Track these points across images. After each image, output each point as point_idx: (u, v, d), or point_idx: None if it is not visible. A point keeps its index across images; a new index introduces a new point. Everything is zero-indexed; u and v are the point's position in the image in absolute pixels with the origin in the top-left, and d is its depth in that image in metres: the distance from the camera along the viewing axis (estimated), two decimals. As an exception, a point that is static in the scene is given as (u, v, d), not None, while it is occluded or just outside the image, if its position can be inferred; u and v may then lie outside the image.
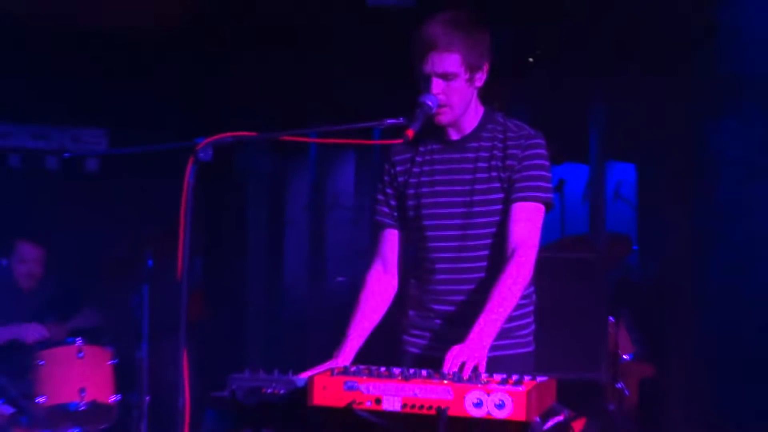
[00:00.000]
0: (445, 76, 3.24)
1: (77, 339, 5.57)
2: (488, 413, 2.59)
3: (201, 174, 2.99)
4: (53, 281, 6.23)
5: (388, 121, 3.23)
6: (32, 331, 5.85)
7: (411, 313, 3.49)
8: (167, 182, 3.81)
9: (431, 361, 3.30)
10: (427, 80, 3.26)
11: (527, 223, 3.26)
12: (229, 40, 7.26)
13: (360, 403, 2.71)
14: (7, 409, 5.11)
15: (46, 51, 7.32)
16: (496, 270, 3.27)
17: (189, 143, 3.04)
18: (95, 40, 7.18)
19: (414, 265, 3.47)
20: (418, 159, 3.41)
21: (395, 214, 3.48)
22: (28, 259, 6.14)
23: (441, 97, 3.25)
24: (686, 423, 5.82)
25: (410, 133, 3.19)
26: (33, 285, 6.17)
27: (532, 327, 3.44)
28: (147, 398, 5.54)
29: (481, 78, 3.33)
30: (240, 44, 7.24)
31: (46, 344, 5.63)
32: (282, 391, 2.88)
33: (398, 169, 3.45)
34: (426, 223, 3.38)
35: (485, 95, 3.42)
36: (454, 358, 2.94)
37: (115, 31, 7.15)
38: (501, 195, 3.30)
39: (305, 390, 2.79)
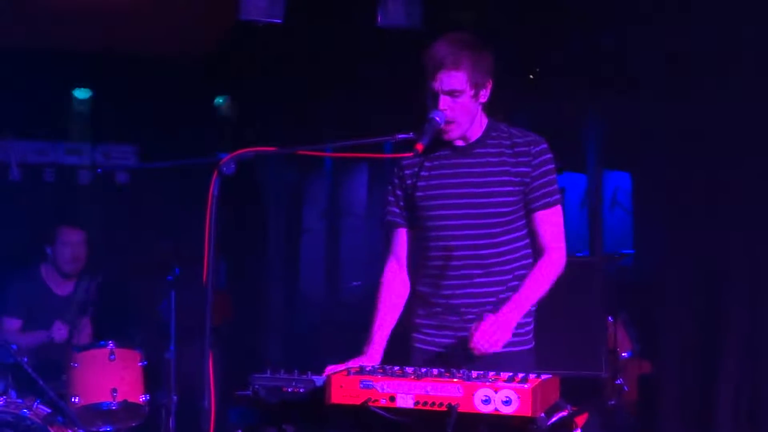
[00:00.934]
0: (452, 93, 3.27)
1: (109, 342, 5.55)
2: (496, 409, 2.59)
3: (225, 186, 3.00)
4: (84, 288, 6.20)
5: (399, 135, 3.24)
6: (57, 331, 5.83)
7: (420, 311, 3.47)
8: (193, 194, 3.80)
9: (442, 355, 3.32)
10: (435, 97, 3.29)
11: (553, 227, 3.38)
12: (249, 65, 7.27)
13: (375, 401, 2.71)
14: (44, 409, 5.10)
15: (78, 76, 7.36)
16: (507, 264, 3.35)
17: (213, 158, 3.04)
18: (125, 65, 7.21)
19: (422, 264, 3.46)
20: (427, 164, 3.42)
21: (405, 214, 3.49)
22: (71, 242, 6.06)
23: (448, 112, 3.27)
24: (682, 416, 5.79)
25: (419, 147, 3.21)
26: (77, 269, 6.11)
27: (533, 326, 3.45)
28: (175, 398, 5.52)
29: (485, 94, 3.36)
30: (259, 68, 7.25)
31: (80, 347, 5.62)
32: (302, 390, 2.87)
33: (407, 172, 3.46)
34: (434, 223, 3.39)
35: (489, 110, 3.44)
36: (483, 332, 3.02)
37: (145, 57, 7.17)
38: (514, 198, 3.33)
39: (324, 389, 2.79)
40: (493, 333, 3.05)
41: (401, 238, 3.51)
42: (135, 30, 6.67)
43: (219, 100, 7.92)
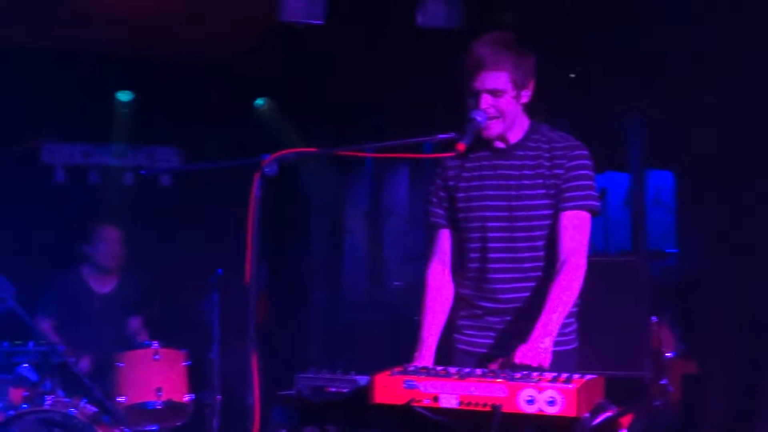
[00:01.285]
0: (494, 93, 3.25)
1: (154, 342, 5.61)
2: (540, 410, 2.58)
3: (267, 187, 3.00)
4: (129, 285, 6.25)
5: (440, 136, 3.22)
6: (80, 363, 5.69)
7: (462, 312, 3.46)
8: (235, 195, 3.83)
9: (484, 357, 3.30)
10: (476, 97, 3.27)
11: (576, 232, 3.27)
12: (290, 66, 7.30)
13: (419, 401, 2.70)
14: (91, 408, 5.15)
15: (122, 78, 7.43)
16: (546, 268, 3.30)
17: (255, 159, 3.05)
18: (168, 67, 7.27)
19: (463, 265, 3.45)
20: (468, 165, 3.41)
21: (448, 215, 3.48)
22: (108, 239, 6.15)
23: (491, 110, 3.25)
24: (727, 416, 5.73)
25: (461, 146, 3.20)
26: (116, 265, 6.15)
27: (575, 326, 3.41)
28: (218, 397, 5.56)
29: (526, 95, 3.34)
30: (299, 69, 7.27)
31: (125, 346, 5.67)
32: (345, 390, 2.87)
33: (449, 173, 3.45)
34: (473, 224, 3.38)
35: (531, 110, 3.42)
36: (520, 359, 2.98)
37: (187, 59, 7.23)
38: (547, 201, 3.29)
39: (367, 389, 2.79)
40: (533, 357, 3.02)
41: (445, 239, 3.50)
42: (177, 32, 6.72)
43: (259, 101, 7.95)
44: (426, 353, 3.33)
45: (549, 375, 2.76)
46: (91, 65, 7.11)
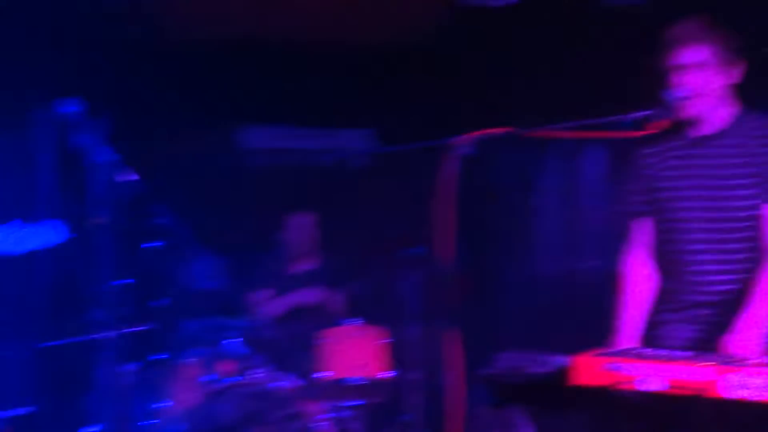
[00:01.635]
0: (693, 68, 3.16)
1: (356, 319, 5.73)
2: (751, 395, 2.48)
3: (462, 167, 3.02)
4: (329, 264, 6.42)
5: (635, 114, 3.15)
6: (311, 295, 6.07)
7: (661, 306, 3.37)
8: (430, 177, 3.88)
9: (688, 350, 3.21)
10: (674, 72, 3.19)
11: None
12: (482, 47, 7.28)
13: (621, 384, 2.66)
14: (293, 383, 5.32)
15: (319, 63, 7.61)
16: (756, 259, 3.17)
17: (450, 140, 3.08)
18: (361, 51, 7.38)
19: (664, 257, 3.36)
20: (668, 153, 3.32)
21: (647, 203, 3.39)
22: (299, 226, 6.33)
23: (688, 87, 3.16)
24: None
25: (658, 125, 3.12)
26: (309, 250, 6.34)
27: None
28: (418, 375, 5.62)
29: (731, 76, 3.20)
30: (491, 50, 7.24)
31: (328, 322, 5.83)
32: (543, 371, 2.87)
33: (648, 161, 3.37)
34: (677, 215, 3.28)
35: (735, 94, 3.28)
36: (726, 349, 2.93)
37: (377, 43, 7.32)
38: (754, 191, 3.15)
39: (566, 370, 2.77)
40: (739, 347, 2.93)
41: (644, 227, 3.42)
42: (369, 17, 6.82)
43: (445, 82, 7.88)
44: (624, 341, 3.27)
45: (760, 360, 2.66)
46: (287, 50, 7.29)
